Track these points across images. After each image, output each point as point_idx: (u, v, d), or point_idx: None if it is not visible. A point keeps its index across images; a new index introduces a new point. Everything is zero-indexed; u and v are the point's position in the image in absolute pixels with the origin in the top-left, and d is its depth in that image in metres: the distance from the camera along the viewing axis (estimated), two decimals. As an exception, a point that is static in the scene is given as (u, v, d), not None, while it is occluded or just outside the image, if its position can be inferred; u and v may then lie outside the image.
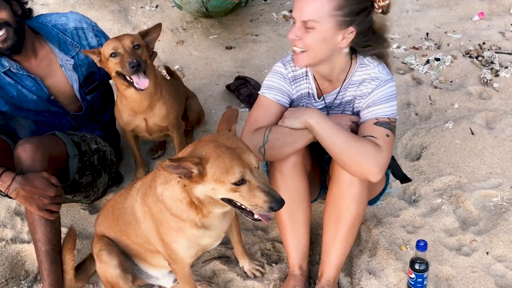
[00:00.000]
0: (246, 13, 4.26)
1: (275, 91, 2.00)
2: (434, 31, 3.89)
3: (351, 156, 1.80)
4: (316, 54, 1.83)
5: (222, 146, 1.56)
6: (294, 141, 1.89)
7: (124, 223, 1.98)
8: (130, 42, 2.22)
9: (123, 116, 2.49)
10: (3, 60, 2.17)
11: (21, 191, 1.92)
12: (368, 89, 1.92)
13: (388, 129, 1.85)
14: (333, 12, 1.73)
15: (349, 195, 1.91)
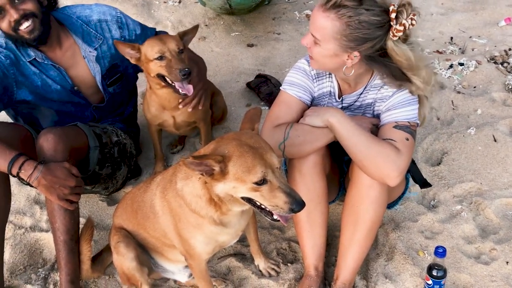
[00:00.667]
0: (268, 11, 4.25)
1: (297, 87, 2.00)
2: (458, 36, 3.84)
3: (370, 158, 1.79)
4: (322, 66, 1.87)
5: (245, 145, 1.55)
6: (314, 139, 1.88)
7: (143, 216, 1.99)
8: (176, 46, 2.24)
9: (151, 110, 2.52)
10: (29, 50, 2.20)
11: (42, 180, 1.93)
12: (389, 92, 1.90)
13: (408, 133, 1.83)
14: (336, 36, 1.73)
15: (368, 198, 1.89)
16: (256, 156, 1.53)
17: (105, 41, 2.39)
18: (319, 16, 1.74)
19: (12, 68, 2.18)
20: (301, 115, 1.97)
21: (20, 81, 2.22)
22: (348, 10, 1.69)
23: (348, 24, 1.70)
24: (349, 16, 1.69)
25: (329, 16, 1.71)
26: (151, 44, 2.25)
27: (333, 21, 1.71)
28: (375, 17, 1.70)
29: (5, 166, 1.92)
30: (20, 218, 2.53)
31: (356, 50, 1.76)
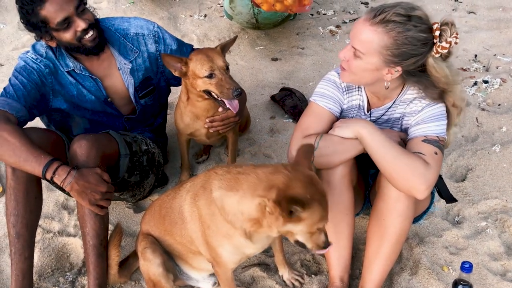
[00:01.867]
0: (292, 26, 4.31)
1: (327, 99, 2.03)
2: (482, 53, 3.84)
3: (399, 170, 1.80)
4: (358, 79, 1.88)
5: (319, 192, 1.60)
6: (344, 151, 1.91)
7: (170, 222, 2.03)
8: (224, 63, 2.30)
9: (184, 120, 2.56)
10: (68, 61, 2.27)
11: (75, 185, 1.99)
12: (418, 107, 1.92)
13: (437, 147, 1.85)
14: (381, 50, 1.75)
15: (395, 211, 1.90)
16: (326, 204, 1.61)
17: (140, 54, 2.44)
18: (366, 29, 1.75)
19: (50, 77, 2.25)
20: (331, 127, 1.99)
21: (56, 89, 2.29)
22: (397, 25, 1.71)
23: (395, 39, 1.72)
24: (398, 32, 1.71)
25: (377, 30, 1.73)
26: (200, 61, 2.27)
27: (380, 35, 1.73)
28: (422, 33, 1.73)
29: (40, 170, 1.98)
30: (48, 223, 2.59)
31: (399, 65, 1.78)
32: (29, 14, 2.09)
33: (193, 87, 2.36)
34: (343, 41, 4.11)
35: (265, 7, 2.75)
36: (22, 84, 2.17)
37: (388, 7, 1.74)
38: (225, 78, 2.27)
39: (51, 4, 2.07)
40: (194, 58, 2.30)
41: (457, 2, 4.57)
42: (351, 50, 1.82)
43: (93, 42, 2.21)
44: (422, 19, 1.74)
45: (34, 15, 2.09)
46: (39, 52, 2.25)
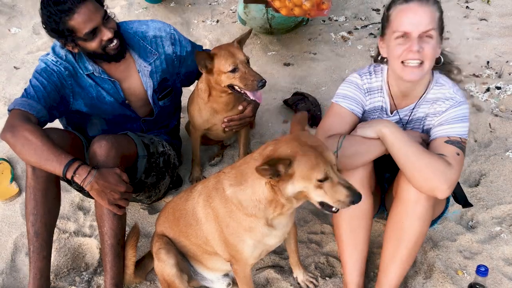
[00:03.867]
0: (304, 32, 4.34)
1: (349, 100, 2.05)
2: (495, 60, 3.85)
3: (421, 169, 1.80)
4: (430, 64, 1.89)
5: (305, 144, 1.62)
6: (366, 151, 1.92)
7: (185, 224, 2.05)
8: (244, 57, 2.38)
9: (203, 115, 2.62)
10: (87, 64, 2.30)
11: (95, 184, 2.01)
12: (442, 108, 1.94)
13: (459, 148, 1.86)
14: (439, 22, 1.87)
15: (414, 214, 1.91)
16: (317, 154, 1.60)
17: (158, 56, 2.48)
18: (427, 9, 1.84)
19: (70, 79, 2.29)
20: (353, 127, 2.01)
21: (76, 91, 2.33)
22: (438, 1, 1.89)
23: (441, 12, 1.89)
24: (440, 6, 1.89)
25: (433, 7, 1.86)
26: (224, 57, 2.36)
27: (437, 11, 1.87)
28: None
29: (60, 169, 2.00)
30: (64, 223, 2.62)
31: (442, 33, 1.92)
32: (57, 23, 2.11)
33: (217, 83, 2.42)
34: (355, 47, 4.13)
35: (283, 12, 2.77)
36: (43, 85, 2.21)
37: None
38: (248, 70, 2.36)
39: (80, 15, 2.10)
40: (219, 55, 2.37)
41: (469, 9, 4.58)
42: (421, 38, 1.83)
43: (116, 50, 2.25)
44: None
45: (61, 24, 2.11)
46: (59, 54, 2.29)
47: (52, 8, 2.09)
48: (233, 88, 2.41)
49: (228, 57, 2.35)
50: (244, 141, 2.85)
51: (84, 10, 2.10)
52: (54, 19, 2.11)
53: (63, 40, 2.19)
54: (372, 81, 2.05)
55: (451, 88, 1.95)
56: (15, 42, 4.34)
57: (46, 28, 2.19)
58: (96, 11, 2.15)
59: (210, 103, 2.56)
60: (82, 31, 2.14)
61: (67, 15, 2.09)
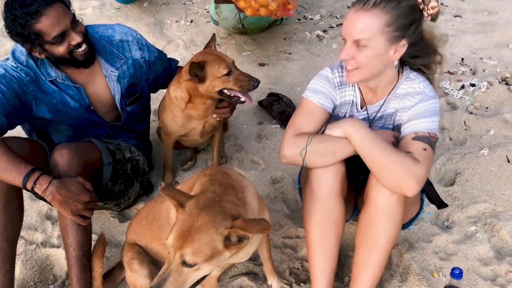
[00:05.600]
0: (279, 31, 4.29)
1: (320, 94, 2.00)
2: (469, 57, 3.85)
3: (388, 166, 1.77)
4: (369, 70, 1.84)
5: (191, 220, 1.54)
6: (335, 151, 1.87)
7: (158, 226, 1.98)
8: (232, 60, 2.37)
9: (178, 122, 2.55)
10: (50, 70, 2.21)
11: (56, 195, 1.94)
12: (411, 103, 1.90)
13: (427, 143, 1.82)
14: (383, 29, 1.75)
15: (385, 216, 1.86)
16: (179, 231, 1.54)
17: (125, 61, 2.41)
18: (362, 16, 1.76)
19: (31, 85, 2.19)
20: (324, 124, 1.97)
21: (39, 98, 2.23)
22: (389, 2, 1.75)
23: (392, 13, 1.74)
24: (392, 7, 1.74)
25: (373, 12, 1.74)
26: (216, 62, 2.31)
27: (378, 16, 1.74)
28: (411, 1, 1.78)
29: (20, 180, 1.92)
30: (31, 234, 2.52)
31: (403, 39, 1.79)
32: (22, 26, 2.02)
33: (208, 89, 2.36)
34: (330, 46, 4.10)
35: (249, 12, 2.73)
36: (2, 92, 2.11)
37: None
38: (241, 72, 2.36)
39: (47, 17, 2.01)
40: (209, 61, 2.32)
41: (443, 6, 4.59)
42: (352, 46, 1.79)
43: (84, 55, 2.17)
44: None
45: (27, 28, 2.02)
46: (19, 60, 2.19)
47: (17, 11, 2.00)
48: (222, 93, 2.37)
49: (220, 61, 2.32)
50: (217, 145, 2.80)
51: (52, 12, 2.02)
52: (19, 23, 2.01)
53: (29, 44, 2.10)
54: (344, 75, 2.01)
55: (422, 82, 1.92)
56: (-18, 45, 4.22)
57: (10, 32, 2.09)
58: (65, 14, 2.07)
59: (188, 110, 2.49)
60: (50, 35, 2.05)
61: (34, 18, 2.00)
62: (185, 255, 1.50)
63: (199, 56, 2.38)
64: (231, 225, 1.52)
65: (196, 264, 1.51)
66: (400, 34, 1.78)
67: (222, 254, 1.54)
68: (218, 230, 1.52)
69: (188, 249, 1.49)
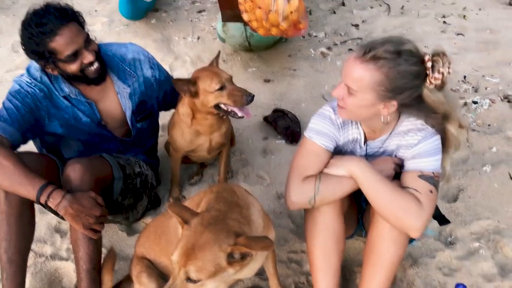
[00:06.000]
0: (284, 48, 4.36)
1: (324, 136, 1.99)
2: (471, 74, 3.90)
3: (392, 210, 1.81)
4: (355, 116, 1.87)
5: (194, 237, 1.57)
6: (342, 190, 1.91)
7: (166, 241, 2.02)
8: (228, 75, 2.41)
9: (186, 138, 2.61)
10: (63, 85, 2.27)
11: (69, 209, 1.98)
12: (414, 140, 1.91)
13: (432, 184, 1.85)
14: (374, 87, 1.72)
15: (389, 239, 1.91)
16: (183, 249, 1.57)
17: (137, 78, 2.48)
18: (357, 67, 1.73)
19: (45, 101, 2.26)
20: (327, 162, 1.98)
21: (52, 113, 2.30)
22: (387, 61, 1.69)
23: (387, 74, 1.70)
24: (389, 68, 1.69)
25: (368, 67, 1.71)
26: (209, 77, 2.38)
27: (372, 72, 1.71)
28: (413, 67, 1.71)
29: (34, 194, 1.97)
30: (41, 247, 2.57)
31: (394, 100, 1.77)
32: (37, 44, 2.08)
33: (203, 105, 2.42)
34: (334, 63, 4.16)
35: (261, 32, 2.79)
36: (16, 108, 2.17)
37: (378, 44, 1.73)
38: (235, 87, 2.39)
39: (62, 37, 2.08)
40: (203, 77, 2.39)
41: (446, 24, 4.66)
42: (344, 88, 1.80)
43: (96, 73, 2.24)
44: (412, 53, 1.73)
45: (42, 46, 2.09)
46: (33, 76, 2.26)
47: (33, 30, 2.07)
48: (219, 108, 2.41)
49: (213, 76, 2.37)
50: (225, 160, 2.85)
51: (66, 32, 2.09)
52: (35, 41, 2.08)
53: (43, 61, 2.17)
54: None
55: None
56: (-7, 60, 4.30)
57: (26, 49, 2.16)
58: (78, 33, 2.14)
59: (194, 126, 2.56)
60: (63, 53, 2.12)
61: (49, 37, 2.07)
62: (189, 272, 1.54)
63: (196, 72, 2.47)
64: (234, 242, 1.56)
65: (200, 280, 1.55)
66: (391, 95, 1.75)
67: (225, 271, 1.58)
68: (221, 247, 1.55)
69: (192, 266, 1.54)
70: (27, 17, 2.10)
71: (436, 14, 4.85)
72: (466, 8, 4.93)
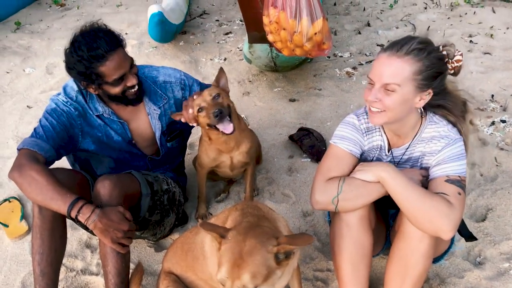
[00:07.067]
0: (310, 68, 4.41)
1: (348, 141, 2.05)
2: (499, 93, 3.87)
3: (423, 212, 1.81)
4: (394, 114, 1.89)
5: (239, 247, 1.60)
6: (367, 194, 1.93)
7: (193, 258, 2.06)
8: (209, 95, 2.42)
9: (210, 155, 2.69)
10: (97, 105, 2.38)
11: (98, 223, 2.04)
12: (438, 147, 1.95)
13: (460, 187, 1.86)
14: (413, 76, 1.81)
15: (418, 251, 1.90)
16: (230, 261, 1.58)
17: (168, 100, 2.56)
18: (395, 62, 1.81)
19: (79, 119, 2.36)
20: (352, 169, 2.01)
21: (85, 131, 2.39)
22: (421, 51, 1.81)
23: (424, 63, 1.81)
24: (424, 57, 1.81)
25: (405, 59, 1.81)
26: (195, 102, 2.43)
27: (410, 63, 1.80)
28: (439, 53, 1.86)
29: (65, 208, 2.04)
30: (72, 261, 2.63)
31: (430, 88, 1.86)
32: (87, 68, 2.18)
33: (202, 126, 2.50)
34: (360, 82, 4.19)
35: (285, 52, 2.86)
36: (52, 125, 2.27)
37: (407, 40, 1.85)
38: (209, 106, 2.39)
39: (111, 62, 2.18)
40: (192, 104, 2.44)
41: (472, 44, 4.64)
42: (381, 90, 1.85)
43: (135, 95, 2.35)
44: (433, 43, 1.89)
45: (91, 69, 2.18)
46: (69, 95, 2.36)
47: (84, 53, 2.16)
48: (211, 126, 2.45)
49: (196, 100, 2.42)
50: (250, 178, 2.89)
51: (115, 58, 2.19)
52: (84, 64, 2.17)
53: (88, 82, 2.26)
54: (370, 121, 2.08)
55: (445, 126, 1.97)
56: (29, 81, 4.48)
57: (72, 70, 2.23)
58: (125, 58, 2.25)
59: (213, 144, 2.64)
60: (111, 77, 2.22)
61: (99, 62, 2.17)
62: (244, 281, 1.55)
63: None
64: (277, 242, 1.60)
65: (257, 286, 1.57)
66: (427, 83, 1.84)
67: (275, 273, 1.61)
68: (268, 249, 1.60)
69: (246, 274, 1.55)
70: (77, 39, 2.19)
71: (462, 33, 4.84)
72: (493, 27, 4.91)
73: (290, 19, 2.63)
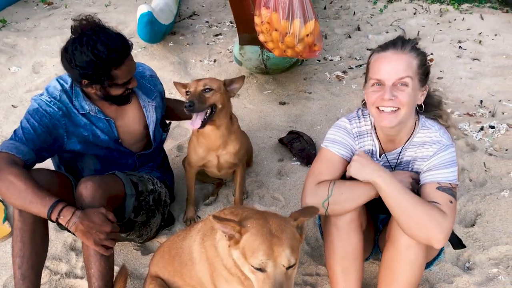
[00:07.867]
0: (300, 71, 4.40)
1: (339, 145, 2.04)
2: (488, 99, 3.89)
3: (416, 219, 1.78)
4: (406, 111, 1.87)
5: (266, 227, 1.59)
6: (357, 197, 1.91)
7: (180, 263, 2.01)
8: (203, 85, 2.43)
9: (198, 152, 2.68)
10: (84, 103, 2.33)
11: (79, 225, 1.99)
12: (430, 152, 1.93)
13: (451, 195, 1.84)
14: (418, 70, 1.87)
15: (405, 259, 1.88)
16: (265, 243, 1.55)
17: (158, 93, 2.63)
18: (402, 57, 1.85)
19: (63, 119, 2.29)
20: (343, 172, 2.00)
21: (70, 131, 2.33)
22: (417, 49, 1.90)
23: (421, 60, 1.88)
24: (420, 53, 1.90)
25: (410, 55, 1.86)
26: (190, 83, 2.49)
27: (414, 59, 1.86)
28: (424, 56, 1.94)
29: (45, 211, 1.99)
30: (56, 264, 2.57)
31: (426, 84, 1.93)
32: (100, 70, 2.17)
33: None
34: (350, 86, 4.18)
35: (276, 53, 2.85)
36: (33, 127, 2.21)
37: (403, 39, 1.92)
38: (193, 93, 2.42)
39: (126, 66, 2.25)
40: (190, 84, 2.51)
41: (462, 49, 4.67)
42: (396, 86, 1.84)
43: (129, 95, 2.39)
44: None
45: (105, 71, 2.19)
46: (53, 95, 2.30)
47: (103, 54, 2.15)
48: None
49: (192, 82, 2.48)
50: (240, 181, 2.86)
51: (128, 63, 2.27)
52: (99, 67, 2.17)
53: (93, 82, 2.23)
54: (361, 125, 2.06)
55: (438, 131, 1.95)
56: (14, 80, 4.40)
57: (74, 69, 2.19)
58: (134, 63, 2.33)
59: (201, 138, 2.63)
60: (122, 80, 2.27)
61: (116, 66, 2.21)
62: (287, 257, 1.54)
63: None
64: (294, 217, 1.65)
65: (296, 259, 1.58)
66: (424, 77, 1.90)
67: (299, 247, 1.64)
68: (292, 223, 1.64)
69: (287, 249, 1.55)
70: (86, 37, 2.15)
71: (451, 39, 4.87)
72: (482, 34, 4.95)
73: (283, 20, 2.62)
